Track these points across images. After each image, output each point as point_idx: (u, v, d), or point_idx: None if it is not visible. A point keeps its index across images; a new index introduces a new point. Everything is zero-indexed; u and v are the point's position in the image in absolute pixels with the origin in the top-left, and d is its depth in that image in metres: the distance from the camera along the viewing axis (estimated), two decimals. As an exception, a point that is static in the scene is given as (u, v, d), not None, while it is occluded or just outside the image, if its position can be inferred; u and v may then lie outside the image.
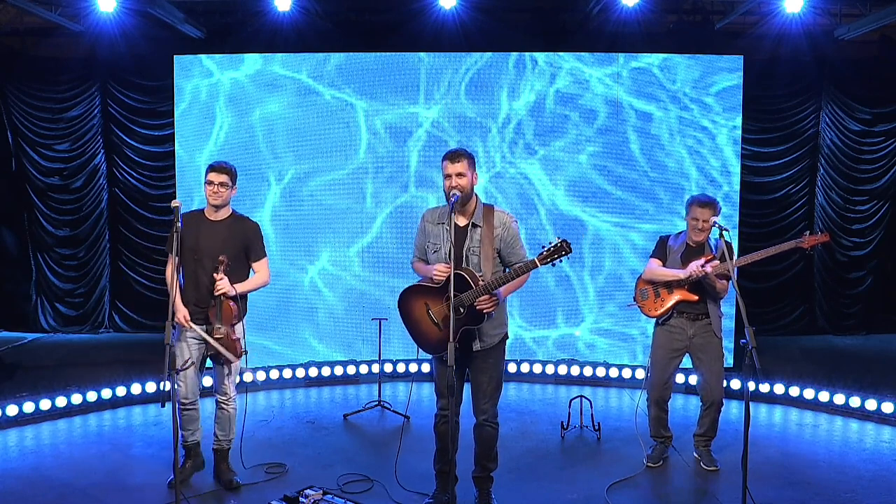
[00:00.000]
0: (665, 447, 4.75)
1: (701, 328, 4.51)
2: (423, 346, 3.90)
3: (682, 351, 4.58)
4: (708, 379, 4.54)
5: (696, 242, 4.52)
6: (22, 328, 8.49)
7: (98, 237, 8.42)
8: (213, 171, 4.20)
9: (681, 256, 4.53)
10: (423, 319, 3.85)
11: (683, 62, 6.89)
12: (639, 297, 4.68)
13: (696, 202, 4.46)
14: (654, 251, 4.68)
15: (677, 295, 4.49)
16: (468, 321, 3.72)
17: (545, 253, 3.61)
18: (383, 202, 6.84)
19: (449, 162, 3.76)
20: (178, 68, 7.06)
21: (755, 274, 7.97)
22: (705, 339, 4.51)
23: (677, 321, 4.54)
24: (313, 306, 6.96)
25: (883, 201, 8.28)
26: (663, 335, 4.59)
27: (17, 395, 5.53)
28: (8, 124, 8.28)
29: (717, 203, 4.47)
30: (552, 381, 6.64)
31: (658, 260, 4.61)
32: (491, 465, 4.04)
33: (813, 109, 8.15)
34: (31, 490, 4.26)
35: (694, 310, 4.49)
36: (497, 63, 6.83)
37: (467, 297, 3.67)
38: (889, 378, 6.30)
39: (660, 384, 4.63)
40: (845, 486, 4.37)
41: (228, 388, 4.32)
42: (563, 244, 3.60)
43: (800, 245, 4.39)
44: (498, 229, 3.84)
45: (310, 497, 3.86)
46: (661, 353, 4.60)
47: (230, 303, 4.05)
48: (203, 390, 4.67)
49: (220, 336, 4.06)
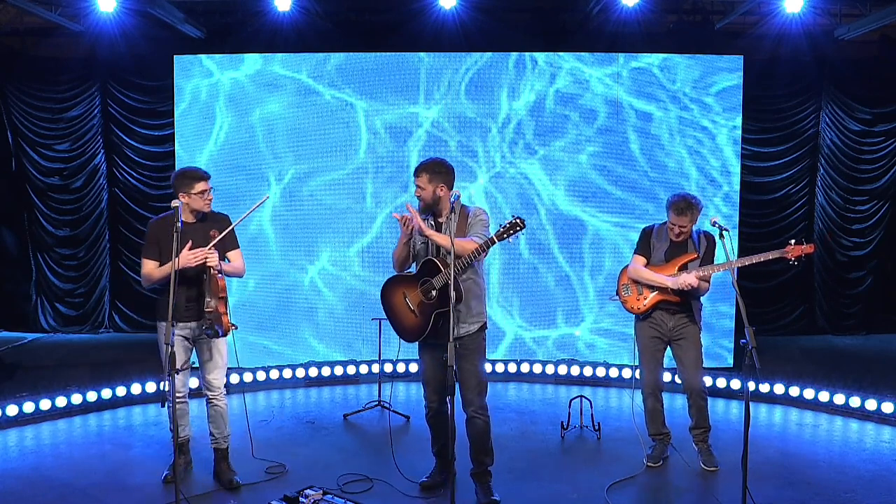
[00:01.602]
0: (664, 445, 4.75)
1: (680, 320, 4.56)
2: (401, 334, 4.07)
3: (665, 341, 4.62)
4: (686, 366, 4.57)
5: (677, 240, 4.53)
6: (22, 328, 8.49)
7: (98, 237, 8.42)
8: (203, 181, 4.19)
9: (665, 253, 4.54)
10: (402, 308, 4.02)
11: (683, 62, 6.89)
12: (622, 290, 4.69)
13: (674, 208, 4.39)
14: (638, 246, 4.66)
15: (659, 294, 4.51)
16: (441, 304, 3.83)
17: (501, 230, 3.78)
18: (383, 202, 6.84)
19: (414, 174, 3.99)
20: (178, 68, 7.07)
21: (755, 274, 7.96)
22: (685, 329, 4.55)
23: (657, 314, 4.58)
24: (313, 306, 6.96)
25: (883, 201, 8.28)
26: (645, 328, 4.63)
27: (17, 395, 5.53)
28: (8, 124, 8.28)
29: (695, 206, 4.38)
30: (552, 381, 6.64)
31: (642, 257, 4.61)
32: (487, 460, 4.07)
33: (813, 109, 8.14)
34: (31, 490, 4.26)
35: (673, 306, 4.53)
36: (497, 63, 6.83)
37: (437, 281, 3.84)
38: (889, 378, 6.30)
39: (651, 374, 4.65)
40: (845, 486, 4.37)
41: (219, 383, 4.33)
42: (517, 221, 3.76)
43: (784, 255, 4.24)
44: (469, 218, 3.98)
45: (310, 497, 3.86)
46: (645, 342, 4.64)
47: (218, 276, 4.10)
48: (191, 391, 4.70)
49: (210, 310, 4.10)
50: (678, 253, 4.51)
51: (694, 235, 4.54)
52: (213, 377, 4.31)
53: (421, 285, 3.92)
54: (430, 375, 4.09)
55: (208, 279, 4.11)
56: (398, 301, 4.03)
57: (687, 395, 4.65)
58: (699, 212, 4.44)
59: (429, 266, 3.91)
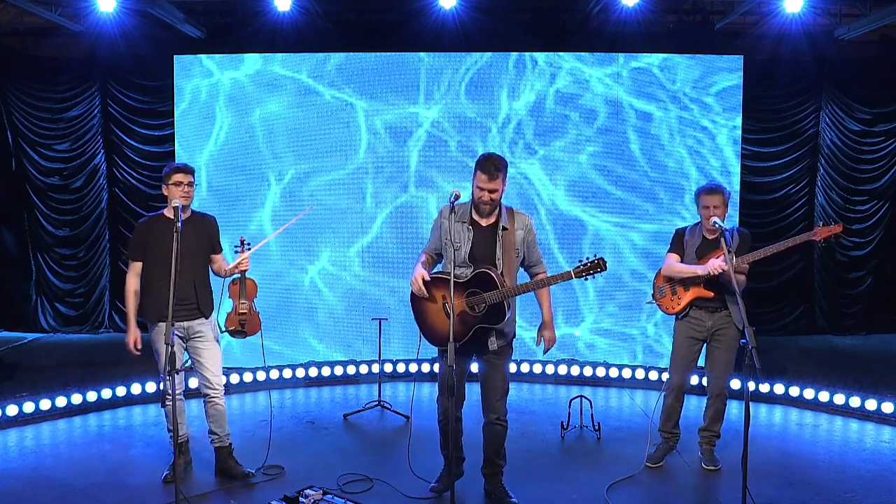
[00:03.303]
0: (669, 447, 4.73)
1: (720, 320, 4.51)
2: (430, 336, 3.91)
3: (702, 341, 4.59)
4: (715, 368, 4.55)
5: (711, 236, 4.52)
6: (22, 328, 8.49)
7: (98, 237, 8.42)
8: (181, 172, 4.22)
9: (696, 251, 4.55)
10: (438, 310, 3.84)
11: (683, 62, 6.89)
12: (657, 293, 4.68)
13: (704, 190, 4.49)
14: (672, 245, 4.67)
15: (693, 292, 4.50)
16: (486, 320, 3.74)
17: (581, 267, 3.68)
18: (383, 202, 6.84)
19: (487, 177, 3.72)
20: (178, 68, 7.07)
21: (755, 274, 7.87)
22: (723, 330, 4.51)
23: (696, 313, 4.55)
24: (313, 306, 6.96)
25: (883, 201, 8.28)
26: (683, 327, 4.60)
27: (17, 395, 5.53)
28: (8, 124, 8.28)
29: (723, 189, 4.46)
30: (552, 381, 6.64)
31: (676, 255, 4.61)
32: (501, 462, 4.09)
33: (813, 109, 8.14)
34: (31, 490, 4.26)
35: (711, 304, 4.50)
36: (497, 63, 6.83)
37: (490, 297, 3.70)
38: (889, 378, 6.30)
39: (679, 376, 4.62)
40: (845, 486, 4.37)
41: (219, 380, 4.36)
42: (599, 261, 3.67)
43: (812, 238, 4.35)
44: (520, 231, 3.88)
45: (310, 497, 3.86)
46: (681, 341, 4.61)
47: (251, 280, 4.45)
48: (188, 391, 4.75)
49: (244, 311, 4.39)
50: (710, 249, 4.49)
51: (727, 233, 4.53)
52: (212, 375, 4.33)
53: (468, 295, 3.75)
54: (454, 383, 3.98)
55: (242, 283, 4.41)
56: (435, 304, 3.85)
57: (708, 396, 4.64)
58: (729, 195, 4.47)
59: (483, 279, 3.73)
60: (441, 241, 3.93)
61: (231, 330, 4.57)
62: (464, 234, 3.84)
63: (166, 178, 4.22)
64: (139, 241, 4.25)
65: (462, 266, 3.83)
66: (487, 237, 3.85)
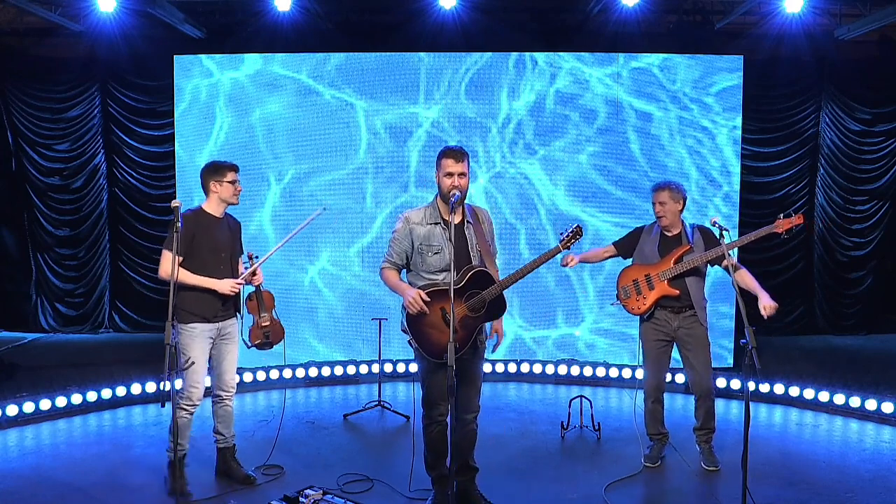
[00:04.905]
0: (662, 445, 4.74)
1: (685, 320, 4.53)
2: (435, 350, 3.67)
3: (670, 342, 4.61)
4: (696, 369, 4.55)
5: (670, 232, 4.54)
6: (22, 328, 8.49)
7: (98, 237, 8.42)
8: (234, 171, 4.16)
9: (658, 247, 4.57)
10: (439, 324, 3.66)
11: (683, 62, 6.89)
12: (621, 294, 4.69)
13: (652, 188, 4.58)
14: (620, 238, 4.77)
15: (658, 291, 4.50)
16: (489, 316, 3.75)
17: (565, 238, 3.79)
18: (383, 202, 6.84)
19: (453, 161, 3.67)
20: (178, 68, 7.07)
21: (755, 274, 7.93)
22: (690, 330, 4.53)
23: (661, 314, 4.56)
24: (313, 306, 6.96)
25: (883, 201, 8.28)
26: (649, 329, 4.62)
27: (17, 395, 5.53)
28: (8, 124, 8.28)
29: (669, 185, 4.48)
30: (552, 381, 6.63)
31: (612, 248, 4.75)
32: (476, 466, 4.02)
33: (813, 109, 8.15)
34: (31, 490, 4.25)
35: (676, 303, 4.51)
36: (497, 63, 6.83)
37: (489, 294, 3.68)
38: (889, 378, 6.30)
39: (654, 378, 4.65)
40: (845, 486, 4.37)
41: (234, 383, 4.37)
42: (577, 228, 3.79)
43: (774, 231, 4.39)
44: (485, 224, 3.90)
45: (310, 497, 3.85)
46: (650, 345, 4.63)
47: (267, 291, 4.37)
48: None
49: (266, 323, 4.31)
50: (672, 247, 4.53)
51: (688, 229, 4.58)
52: (230, 377, 4.34)
53: (467, 299, 3.66)
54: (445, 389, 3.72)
55: (259, 296, 4.30)
56: (435, 318, 3.65)
57: (695, 397, 4.64)
58: (679, 195, 4.49)
59: (480, 278, 3.66)
60: (412, 250, 3.78)
61: (256, 344, 4.41)
62: (440, 235, 3.74)
63: (218, 173, 4.10)
64: (189, 235, 4.00)
65: (445, 270, 3.72)
66: (461, 234, 3.77)
